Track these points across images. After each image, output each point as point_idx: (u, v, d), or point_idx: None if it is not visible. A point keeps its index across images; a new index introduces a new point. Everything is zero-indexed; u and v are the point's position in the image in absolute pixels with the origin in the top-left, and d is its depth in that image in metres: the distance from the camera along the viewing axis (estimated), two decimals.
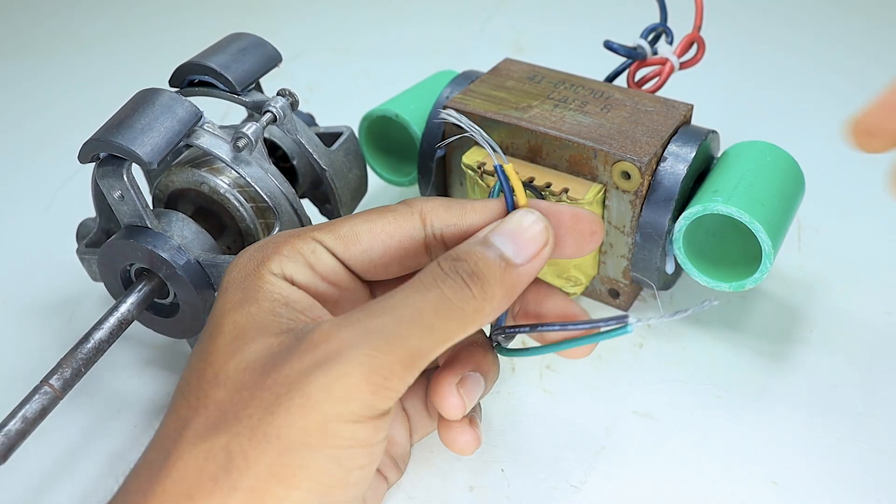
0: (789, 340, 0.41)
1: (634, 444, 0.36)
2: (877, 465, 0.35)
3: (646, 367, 0.40)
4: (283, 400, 0.24)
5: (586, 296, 0.44)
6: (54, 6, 0.83)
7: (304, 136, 0.39)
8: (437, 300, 0.25)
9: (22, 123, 0.64)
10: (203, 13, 0.81)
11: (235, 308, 0.27)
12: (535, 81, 0.43)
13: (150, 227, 0.35)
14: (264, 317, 0.26)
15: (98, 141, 0.33)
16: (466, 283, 0.25)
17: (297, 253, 0.28)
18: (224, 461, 0.23)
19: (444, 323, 0.25)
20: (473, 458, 0.35)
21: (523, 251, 0.27)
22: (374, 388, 0.24)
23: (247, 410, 0.24)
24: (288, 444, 0.23)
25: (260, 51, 0.40)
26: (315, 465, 0.24)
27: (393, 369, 0.24)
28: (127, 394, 0.40)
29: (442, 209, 0.29)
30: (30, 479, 0.36)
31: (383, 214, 0.29)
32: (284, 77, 0.57)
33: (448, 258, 0.26)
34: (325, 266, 0.28)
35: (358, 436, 0.24)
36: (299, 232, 0.29)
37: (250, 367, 0.25)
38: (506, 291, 0.26)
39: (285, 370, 0.24)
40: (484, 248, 0.26)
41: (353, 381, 0.24)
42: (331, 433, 0.24)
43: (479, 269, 0.26)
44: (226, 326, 0.26)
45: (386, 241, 0.28)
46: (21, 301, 0.46)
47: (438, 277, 0.26)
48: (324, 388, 0.23)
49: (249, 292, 0.27)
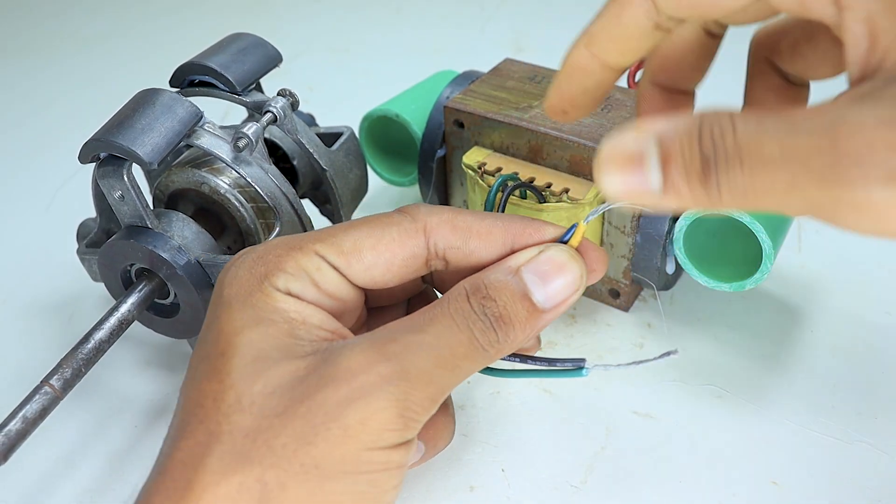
0: (789, 340, 0.41)
1: (634, 444, 0.36)
2: (877, 465, 0.35)
3: (646, 367, 0.40)
4: (320, 430, 0.24)
5: (587, 296, 0.44)
6: (54, 6, 0.83)
7: (305, 136, 0.39)
8: (468, 343, 0.25)
9: (22, 123, 0.64)
10: (203, 13, 0.81)
11: (249, 327, 0.26)
12: (535, 81, 0.43)
13: (150, 227, 0.35)
14: (284, 339, 0.26)
15: (98, 141, 0.33)
16: (493, 328, 0.26)
17: (301, 271, 0.27)
18: (259, 492, 0.23)
19: (470, 364, 0.26)
20: (473, 458, 0.35)
21: (553, 297, 0.26)
22: (406, 422, 0.25)
23: (279, 440, 0.24)
24: (327, 473, 0.24)
25: (260, 51, 0.40)
26: (354, 490, 0.24)
27: (423, 405, 0.25)
28: (127, 394, 0.40)
29: (447, 229, 0.28)
30: (30, 479, 0.36)
31: (387, 229, 0.28)
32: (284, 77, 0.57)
33: (477, 294, 0.26)
34: (331, 283, 0.27)
35: (391, 460, 0.25)
36: (300, 244, 0.27)
37: (278, 392, 0.24)
38: (526, 335, 0.26)
39: (319, 398, 0.24)
40: (514, 285, 0.26)
41: (390, 416, 0.24)
42: (366, 461, 0.24)
43: (506, 314, 0.26)
44: (241, 347, 0.25)
45: (389, 259, 0.28)
46: (21, 301, 0.46)
47: (469, 318, 0.26)
48: (362, 421, 0.24)
49: (261, 311, 0.26)
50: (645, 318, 0.43)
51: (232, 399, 0.25)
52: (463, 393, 0.39)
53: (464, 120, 0.41)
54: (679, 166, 0.20)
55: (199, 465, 0.24)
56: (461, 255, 0.28)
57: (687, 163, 0.20)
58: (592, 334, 0.42)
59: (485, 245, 0.28)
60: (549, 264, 0.27)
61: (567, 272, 0.27)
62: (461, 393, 0.39)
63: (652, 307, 0.43)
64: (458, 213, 0.28)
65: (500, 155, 0.41)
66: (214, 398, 0.25)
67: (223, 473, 0.23)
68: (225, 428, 0.24)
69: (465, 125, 0.42)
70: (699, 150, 0.19)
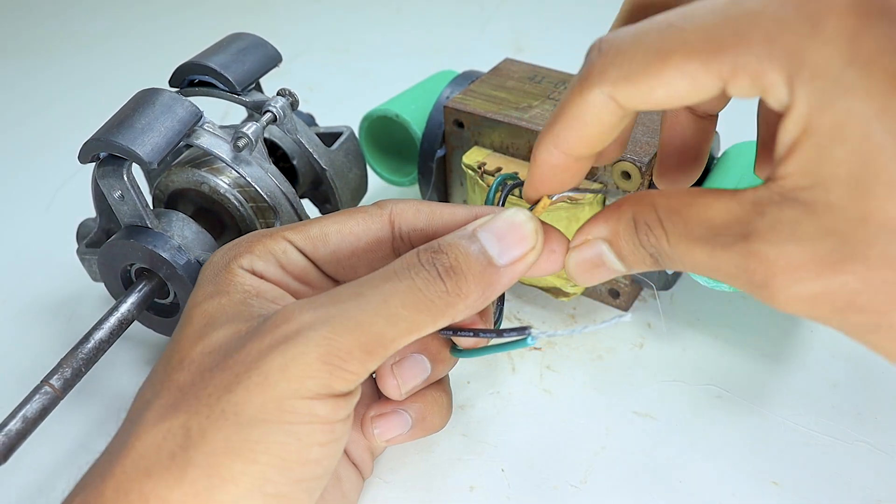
0: (789, 340, 0.41)
1: (634, 444, 0.36)
2: (877, 465, 0.35)
3: (646, 367, 0.40)
4: (242, 378, 0.24)
5: (586, 295, 0.44)
6: (54, 6, 0.83)
7: (304, 136, 0.39)
8: (406, 290, 0.25)
9: (22, 123, 0.64)
10: (203, 13, 0.81)
11: (206, 300, 0.27)
12: (535, 81, 0.43)
13: (150, 227, 0.35)
14: (235, 307, 0.27)
15: (98, 141, 0.33)
16: (441, 277, 0.25)
17: (267, 252, 0.28)
18: (182, 438, 0.24)
19: (412, 314, 0.25)
20: (473, 458, 0.35)
21: (508, 252, 0.26)
22: (330, 369, 0.24)
23: (206, 390, 0.24)
24: (245, 420, 0.24)
25: (260, 51, 0.40)
26: (272, 440, 0.24)
27: (352, 353, 0.24)
28: (127, 394, 0.40)
29: (410, 212, 0.29)
30: (30, 479, 0.36)
31: (353, 216, 0.29)
32: (284, 77, 0.57)
33: (429, 249, 0.26)
34: (296, 266, 0.29)
35: (315, 412, 0.24)
36: (271, 232, 0.29)
37: (215, 351, 0.25)
38: (482, 291, 0.26)
39: (245, 350, 0.25)
40: (467, 243, 0.26)
41: (310, 361, 0.24)
42: (287, 409, 0.24)
43: (457, 264, 0.25)
44: (195, 317, 0.27)
45: (354, 243, 0.29)
46: (21, 301, 0.46)
47: (413, 267, 0.25)
48: (281, 367, 0.24)
49: (220, 286, 0.27)
50: (644, 318, 0.43)
51: (176, 361, 0.26)
52: (463, 393, 0.39)
53: (463, 120, 0.41)
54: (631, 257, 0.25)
55: (139, 418, 0.25)
56: (425, 237, 0.28)
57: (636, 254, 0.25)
58: (592, 334, 0.42)
59: (448, 227, 0.28)
60: (504, 223, 0.27)
61: (522, 227, 0.26)
62: (461, 393, 0.39)
63: (652, 307, 0.43)
64: (425, 202, 0.29)
65: (500, 155, 0.41)
66: (165, 363, 0.26)
67: (153, 423, 0.24)
68: (166, 385, 0.25)
69: (464, 125, 0.42)
70: (641, 245, 0.25)
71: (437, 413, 0.31)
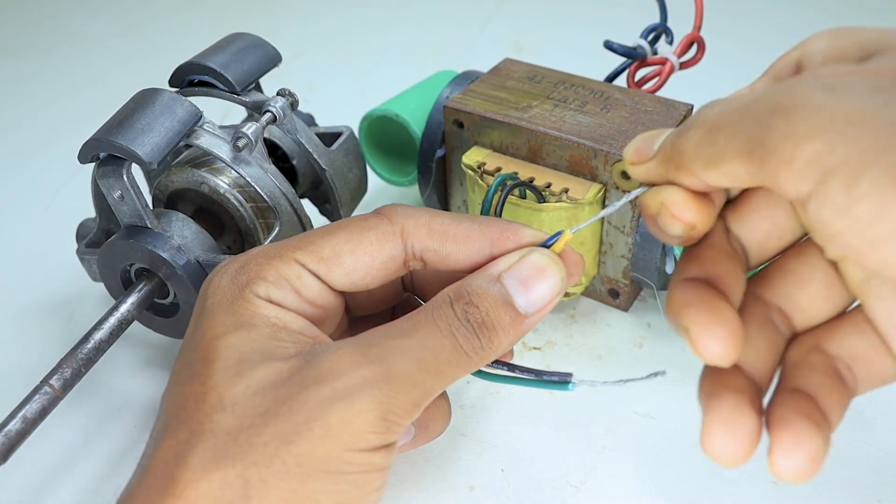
0: None
1: (634, 444, 0.36)
2: (877, 465, 0.35)
3: (646, 367, 0.40)
4: (303, 429, 0.24)
5: (586, 295, 0.44)
6: (54, 6, 0.83)
7: (304, 136, 0.39)
8: (451, 349, 0.26)
9: (22, 123, 0.64)
10: (203, 13, 0.81)
11: (231, 332, 0.26)
12: (535, 81, 0.43)
13: (150, 227, 0.35)
14: (264, 342, 0.26)
15: (98, 141, 0.33)
16: (476, 334, 0.26)
17: (282, 279, 0.27)
18: (241, 489, 0.23)
19: (455, 370, 0.26)
20: (473, 458, 0.35)
21: (535, 302, 0.27)
22: (388, 425, 0.25)
23: (261, 437, 0.24)
24: (308, 472, 0.24)
25: (260, 51, 0.40)
26: (335, 490, 0.25)
27: (406, 409, 0.25)
28: (127, 394, 0.40)
29: (424, 232, 0.28)
30: (30, 479, 0.36)
31: (365, 233, 0.28)
32: (284, 77, 0.57)
33: (460, 300, 0.26)
34: (311, 290, 0.28)
35: (374, 462, 0.25)
36: (280, 252, 0.28)
37: (260, 393, 0.25)
38: (511, 341, 0.27)
39: (301, 398, 0.24)
40: (495, 291, 0.26)
41: (372, 419, 0.24)
42: (348, 461, 0.25)
43: (489, 319, 0.26)
44: (224, 350, 0.26)
45: (368, 263, 0.28)
46: (21, 301, 0.46)
47: (453, 325, 0.26)
48: (344, 421, 0.24)
49: (241, 317, 0.26)
50: (644, 318, 0.43)
51: (214, 400, 0.25)
52: (463, 393, 0.39)
53: (463, 120, 0.41)
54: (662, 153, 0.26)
55: (182, 462, 0.24)
56: (438, 257, 0.28)
57: None
58: (592, 334, 0.42)
59: (461, 248, 0.28)
60: (530, 269, 0.27)
61: (548, 276, 0.27)
62: (461, 393, 0.39)
63: (651, 307, 0.43)
64: (435, 215, 0.29)
65: (500, 155, 0.41)
66: (196, 400, 0.25)
67: (205, 470, 0.24)
68: (207, 427, 0.24)
69: (464, 125, 0.42)
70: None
71: (439, 420, 0.32)
